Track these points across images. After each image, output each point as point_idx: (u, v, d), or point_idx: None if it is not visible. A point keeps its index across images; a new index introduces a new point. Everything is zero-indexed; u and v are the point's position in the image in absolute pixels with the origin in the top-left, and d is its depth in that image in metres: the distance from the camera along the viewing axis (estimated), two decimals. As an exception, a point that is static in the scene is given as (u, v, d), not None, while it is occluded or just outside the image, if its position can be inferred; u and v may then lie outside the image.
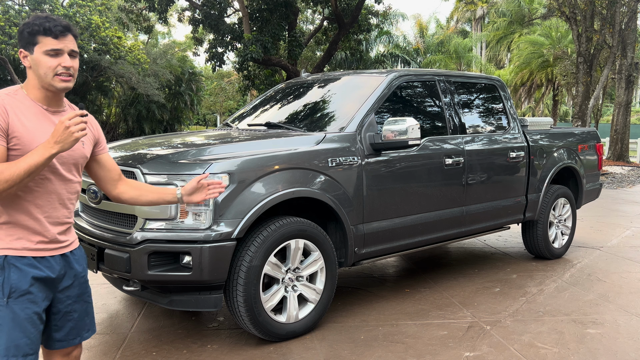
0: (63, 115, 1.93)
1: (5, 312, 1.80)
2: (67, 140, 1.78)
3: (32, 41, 1.87)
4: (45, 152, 1.77)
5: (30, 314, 1.84)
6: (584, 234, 6.93)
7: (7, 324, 1.80)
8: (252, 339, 3.54)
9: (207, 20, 16.58)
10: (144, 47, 30.22)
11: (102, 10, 22.76)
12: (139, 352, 3.37)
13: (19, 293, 1.82)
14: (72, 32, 1.91)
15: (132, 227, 3.25)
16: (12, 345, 1.80)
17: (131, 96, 30.90)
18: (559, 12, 18.75)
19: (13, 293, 1.81)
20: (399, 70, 4.49)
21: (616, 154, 19.50)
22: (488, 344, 3.51)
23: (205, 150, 3.48)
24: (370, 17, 19.44)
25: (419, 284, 4.78)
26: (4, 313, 1.80)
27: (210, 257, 3.11)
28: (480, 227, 4.86)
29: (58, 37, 1.87)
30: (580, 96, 18.45)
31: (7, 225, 1.85)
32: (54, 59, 1.87)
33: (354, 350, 3.38)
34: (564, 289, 4.66)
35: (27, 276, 1.84)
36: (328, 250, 3.64)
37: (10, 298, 1.81)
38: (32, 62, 1.88)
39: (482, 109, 5.17)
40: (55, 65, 1.87)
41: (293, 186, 3.44)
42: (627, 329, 3.80)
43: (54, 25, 1.86)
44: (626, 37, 18.59)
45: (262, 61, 15.74)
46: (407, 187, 4.15)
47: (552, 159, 5.53)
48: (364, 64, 25.16)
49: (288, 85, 5.18)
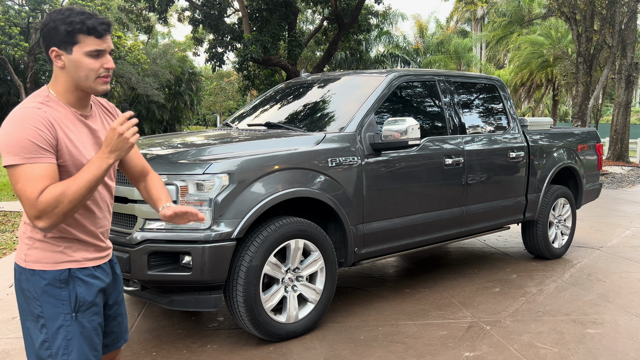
0: (91, 120, 1.81)
1: (75, 326, 1.74)
2: (123, 147, 1.68)
3: (71, 40, 1.67)
4: (102, 164, 1.66)
5: (95, 325, 1.80)
6: (584, 234, 6.93)
7: (77, 339, 1.74)
8: (252, 339, 3.54)
9: (207, 20, 16.57)
10: (144, 47, 30.22)
11: (102, 10, 22.75)
12: (138, 352, 3.37)
13: (86, 306, 1.76)
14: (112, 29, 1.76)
15: (132, 227, 3.25)
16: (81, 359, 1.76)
17: (131, 96, 30.90)
18: (558, 12, 18.74)
19: (81, 307, 1.75)
20: (398, 70, 4.49)
21: (616, 154, 19.50)
22: (488, 344, 3.51)
23: (205, 150, 3.48)
24: (370, 17, 19.43)
25: (419, 284, 4.78)
26: (73, 327, 1.74)
27: (210, 257, 3.11)
28: (480, 227, 4.86)
29: (102, 36, 1.70)
30: (580, 96, 18.45)
31: (65, 238, 1.75)
32: (96, 60, 1.70)
33: (354, 350, 3.38)
34: (564, 289, 4.66)
35: (91, 288, 1.78)
36: (328, 250, 3.64)
37: (79, 312, 1.75)
38: (69, 63, 1.69)
39: (482, 109, 5.17)
40: (98, 67, 1.71)
41: (293, 186, 3.44)
42: (627, 329, 3.81)
43: (99, 24, 1.69)
44: (626, 37, 18.59)
45: (262, 61, 15.74)
46: (407, 187, 4.15)
47: (552, 159, 5.53)
48: (363, 64, 25.16)
49: (288, 85, 5.18)
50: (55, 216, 1.61)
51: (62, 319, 1.72)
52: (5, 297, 4.38)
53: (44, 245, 1.73)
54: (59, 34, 1.67)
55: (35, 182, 1.60)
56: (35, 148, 1.60)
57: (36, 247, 1.73)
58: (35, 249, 1.73)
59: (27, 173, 1.60)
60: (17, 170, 1.60)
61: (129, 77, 26.80)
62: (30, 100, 1.70)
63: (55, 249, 1.73)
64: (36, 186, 1.60)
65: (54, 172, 1.64)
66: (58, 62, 1.70)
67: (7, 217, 7.59)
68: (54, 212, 1.60)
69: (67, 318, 1.73)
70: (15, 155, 1.60)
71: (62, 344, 1.72)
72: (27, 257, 1.74)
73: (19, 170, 1.60)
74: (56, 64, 1.71)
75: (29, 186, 1.60)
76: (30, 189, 1.59)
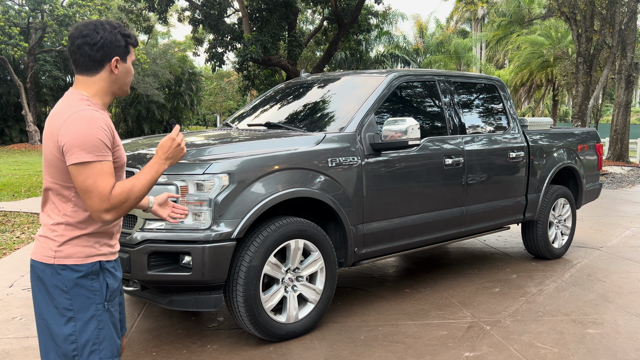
0: None
1: (106, 315, 1.85)
2: (178, 155, 1.90)
3: (127, 51, 1.90)
4: (160, 168, 1.86)
5: (117, 315, 1.93)
6: (584, 234, 6.94)
7: (107, 327, 1.85)
8: (252, 339, 3.54)
9: (207, 21, 16.57)
10: (144, 47, 30.21)
11: (102, 10, 22.76)
12: (138, 352, 3.37)
13: (114, 296, 1.89)
14: None
15: (131, 227, 3.25)
16: (115, 347, 1.89)
17: (131, 96, 30.90)
18: (558, 12, 18.75)
19: (111, 296, 1.87)
20: (398, 71, 4.49)
21: (616, 154, 19.50)
22: (488, 344, 3.51)
23: (205, 150, 3.48)
24: (370, 17, 19.43)
25: (419, 284, 4.78)
26: (104, 317, 1.84)
27: (210, 257, 3.11)
28: (480, 227, 4.86)
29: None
30: (580, 96, 18.45)
31: (94, 234, 1.85)
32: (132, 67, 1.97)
33: (354, 350, 3.38)
34: (564, 289, 4.66)
35: (117, 279, 1.91)
36: (328, 251, 3.64)
37: (109, 302, 1.86)
38: (123, 69, 1.89)
39: (482, 109, 5.18)
40: None
41: (293, 186, 3.44)
42: (627, 329, 3.81)
43: (136, 39, 1.96)
44: (626, 37, 18.59)
45: (262, 61, 15.74)
46: (407, 187, 4.15)
47: (552, 159, 5.53)
48: (363, 64, 25.16)
49: (288, 86, 5.18)
50: (122, 210, 1.78)
51: (94, 309, 1.82)
52: (5, 297, 4.38)
53: (77, 242, 1.82)
54: (120, 45, 1.86)
55: (107, 178, 1.75)
56: (104, 147, 1.75)
57: (69, 243, 1.82)
58: (67, 244, 1.82)
59: (98, 169, 1.73)
60: (89, 167, 1.72)
61: (129, 77, 26.82)
62: (80, 102, 1.80)
63: (87, 244, 1.83)
64: (108, 182, 1.75)
65: (113, 170, 1.80)
66: (115, 69, 1.86)
67: (7, 217, 7.59)
68: (122, 206, 1.77)
69: (99, 308, 1.83)
70: (89, 153, 1.72)
71: (92, 334, 1.82)
72: (58, 254, 1.81)
73: (90, 167, 1.73)
74: (111, 71, 1.86)
75: (101, 182, 1.73)
76: (103, 184, 1.73)
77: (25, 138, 27.37)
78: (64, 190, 1.82)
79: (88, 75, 1.85)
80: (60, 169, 1.79)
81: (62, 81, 26.96)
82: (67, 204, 1.82)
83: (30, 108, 25.62)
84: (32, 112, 25.68)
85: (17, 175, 13.44)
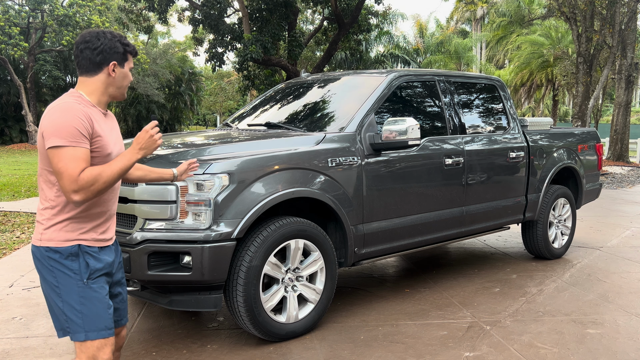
0: (109, 118, 2.21)
1: (88, 292, 2.04)
2: (151, 146, 2.09)
3: (125, 58, 2.15)
4: (133, 157, 2.05)
5: (105, 294, 2.10)
6: (584, 234, 6.94)
7: (91, 303, 2.05)
8: (252, 339, 3.54)
9: (207, 21, 16.57)
10: (144, 47, 30.20)
11: (102, 10, 22.76)
12: (138, 352, 3.37)
13: (97, 274, 2.08)
14: None
15: (132, 227, 3.25)
16: (102, 321, 2.06)
17: (131, 96, 30.90)
18: (558, 12, 18.75)
19: (92, 274, 2.06)
20: (398, 71, 4.49)
21: (616, 154, 19.50)
22: (488, 344, 3.51)
23: (205, 150, 3.48)
24: (370, 17, 19.43)
25: (419, 284, 4.78)
26: (86, 293, 2.04)
27: (210, 257, 3.11)
28: (480, 227, 4.86)
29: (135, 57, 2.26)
30: (580, 96, 18.45)
31: (77, 219, 2.06)
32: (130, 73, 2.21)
33: (354, 351, 3.38)
34: (564, 289, 4.66)
35: (101, 261, 2.10)
36: (328, 251, 3.64)
37: (90, 279, 2.05)
38: (120, 74, 2.14)
39: (482, 109, 5.17)
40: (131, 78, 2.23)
41: (293, 186, 3.44)
42: (626, 329, 3.81)
43: (135, 49, 2.21)
44: (626, 37, 18.58)
45: (262, 61, 15.74)
46: (407, 187, 4.15)
47: (552, 159, 5.53)
48: (363, 64, 25.16)
49: (288, 86, 5.18)
50: (90, 192, 1.96)
51: (76, 286, 2.03)
52: (5, 297, 4.38)
53: (59, 226, 2.04)
54: (118, 52, 2.12)
55: (77, 162, 1.94)
56: (78, 134, 1.95)
57: (53, 227, 2.03)
58: (51, 229, 2.04)
59: (70, 154, 1.93)
60: (61, 151, 1.92)
61: (129, 77, 26.80)
62: (67, 96, 2.05)
63: (68, 229, 2.04)
64: (78, 165, 1.94)
65: (89, 156, 1.99)
66: (112, 73, 2.11)
67: (7, 217, 7.59)
68: (90, 188, 1.95)
69: (80, 285, 2.04)
70: (62, 139, 1.92)
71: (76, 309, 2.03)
72: (43, 236, 2.04)
73: (63, 151, 1.93)
74: (108, 74, 2.11)
75: (71, 165, 1.93)
76: (72, 167, 1.92)
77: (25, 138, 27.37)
78: (49, 175, 2.03)
79: (88, 76, 2.10)
80: (44, 154, 2.00)
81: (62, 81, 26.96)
82: (52, 189, 2.03)
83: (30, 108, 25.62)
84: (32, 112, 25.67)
85: (17, 175, 13.44)
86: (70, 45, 21.86)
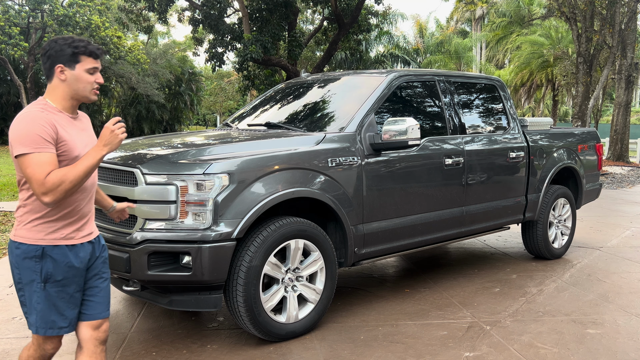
0: (80, 121, 2.30)
1: (43, 294, 2.17)
2: (114, 141, 2.15)
3: (76, 60, 2.18)
4: (97, 154, 2.13)
5: (63, 295, 2.20)
6: (584, 234, 6.94)
7: (45, 304, 2.18)
8: (252, 339, 3.54)
9: (207, 21, 16.57)
10: (144, 47, 30.21)
11: (102, 10, 22.76)
12: (138, 352, 3.37)
13: (53, 280, 2.17)
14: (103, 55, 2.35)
15: (131, 227, 3.25)
16: (49, 323, 2.20)
17: (131, 96, 30.90)
18: (558, 13, 18.74)
19: (48, 279, 2.16)
20: (398, 71, 4.49)
21: (616, 154, 19.49)
22: (488, 344, 3.51)
23: (205, 150, 3.48)
24: (370, 17, 19.42)
25: (419, 284, 4.78)
26: (42, 295, 2.17)
27: (210, 257, 3.11)
28: (480, 227, 4.86)
29: (98, 57, 2.25)
30: (580, 96, 18.45)
31: (46, 219, 2.17)
32: (92, 76, 2.22)
33: (354, 351, 3.38)
34: (564, 289, 4.66)
35: (60, 264, 2.18)
36: (328, 251, 3.64)
37: (47, 283, 2.17)
38: (71, 77, 2.18)
39: (482, 109, 5.17)
40: (93, 81, 2.23)
41: (293, 186, 3.44)
42: (626, 329, 3.81)
43: (96, 48, 2.24)
44: (626, 37, 18.58)
45: (262, 61, 15.73)
46: (407, 187, 4.15)
47: (552, 159, 5.53)
48: (363, 64, 25.16)
49: (288, 86, 5.18)
50: (59, 192, 2.06)
51: (35, 285, 2.18)
52: (5, 297, 4.38)
53: (30, 225, 2.17)
54: (65, 54, 2.17)
55: (43, 167, 2.05)
56: (42, 141, 2.06)
57: (25, 227, 2.17)
58: (23, 227, 2.17)
59: (35, 160, 2.05)
60: (27, 158, 2.05)
61: (129, 77, 26.77)
62: (33, 105, 2.16)
63: (37, 229, 2.16)
64: (44, 169, 2.05)
65: (55, 160, 2.09)
66: (60, 76, 2.18)
67: (7, 217, 7.59)
68: (57, 189, 2.05)
69: (39, 286, 2.17)
70: (26, 146, 2.04)
71: (32, 305, 2.20)
72: (16, 232, 2.19)
73: (28, 158, 2.05)
74: (59, 78, 2.18)
75: (37, 170, 2.04)
76: (39, 172, 2.04)
77: (25, 138, 27.28)
78: (23, 179, 2.17)
79: (49, 82, 2.22)
80: (15, 162, 2.12)
81: (62, 81, 26.87)
82: (26, 192, 2.17)
83: (30, 108, 25.53)
84: (32, 112, 25.57)
85: (17, 175, 13.44)
86: (70, 45, 21.88)
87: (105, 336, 2.36)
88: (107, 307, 2.37)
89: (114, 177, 3.42)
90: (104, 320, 2.36)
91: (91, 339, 2.30)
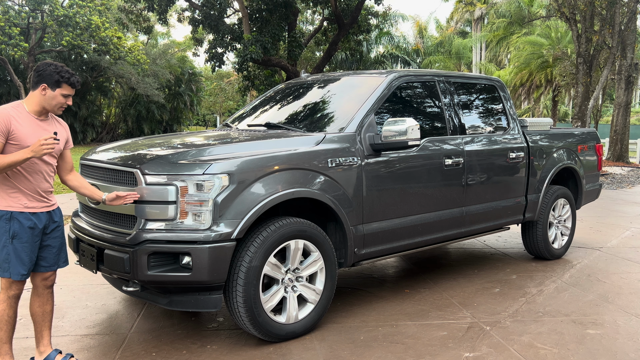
0: (46, 123, 2.96)
1: (11, 248, 2.85)
2: (39, 151, 2.76)
3: (58, 85, 2.88)
4: (24, 155, 2.76)
5: (26, 250, 2.88)
6: (584, 234, 6.94)
7: (12, 256, 2.86)
8: (252, 340, 3.54)
9: (207, 21, 16.58)
10: (144, 47, 30.20)
11: (102, 11, 22.75)
12: (138, 352, 3.37)
13: (18, 237, 2.86)
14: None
15: (131, 227, 3.25)
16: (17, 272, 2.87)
17: (131, 96, 30.88)
18: (558, 13, 18.75)
19: (15, 236, 2.85)
20: (398, 71, 4.49)
21: (616, 154, 19.49)
22: (488, 344, 3.51)
23: (205, 151, 3.48)
24: (370, 17, 19.44)
25: (419, 285, 4.78)
26: (10, 249, 2.85)
27: (210, 258, 3.11)
28: (480, 227, 4.86)
29: (74, 87, 2.96)
30: (579, 97, 18.45)
31: (13, 192, 2.86)
32: (64, 99, 2.94)
33: (354, 351, 3.38)
34: (564, 290, 4.66)
35: (24, 225, 2.87)
36: (328, 251, 3.64)
37: (14, 239, 2.85)
38: (50, 95, 2.88)
39: (482, 109, 5.18)
40: (64, 103, 2.95)
41: (293, 187, 3.44)
42: (626, 329, 3.81)
43: (77, 81, 2.96)
44: (626, 37, 18.58)
45: (261, 62, 15.74)
46: (406, 188, 4.15)
47: (552, 159, 5.53)
48: (363, 64, 25.18)
49: (288, 86, 5.18)
50: None
51: (4, 241, 2.85)
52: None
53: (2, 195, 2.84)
54: (52, 78, 2.87)
55: None
56: None
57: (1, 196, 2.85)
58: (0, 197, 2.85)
59: None
60: None
61: (128, 78, 26.75)
62: (9, 104, 2.84)
63: (7, 199, 2.86)
64: None
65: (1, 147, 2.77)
66: (42, 92, 2.87)
67: None
68: None
69: (8, 242, 2.85)
70: None
71: (3, 257, 2.86)
72: None
73: None
74: (40, 92, 2.87)
75: None
76: None
77: (24, 138, 27.27)
78: None
79: (32, 90, 2.90)
80: None
81: (62, 81, 26.85)
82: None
83: (30, 108, 25.52)
84: (31, 112, 25.57)
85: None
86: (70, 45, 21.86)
87: (50, 283, 3.08)
88: (55, 262, 3.04)
89: (114, 177, 3.42)
90: (52, 273, 3.07)
91: (40, 285, 3.06)
